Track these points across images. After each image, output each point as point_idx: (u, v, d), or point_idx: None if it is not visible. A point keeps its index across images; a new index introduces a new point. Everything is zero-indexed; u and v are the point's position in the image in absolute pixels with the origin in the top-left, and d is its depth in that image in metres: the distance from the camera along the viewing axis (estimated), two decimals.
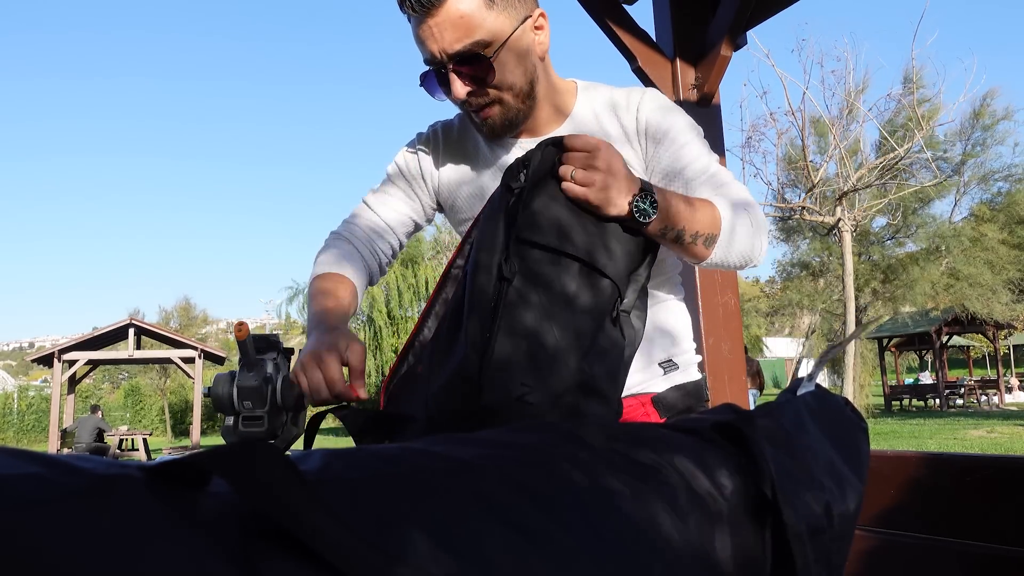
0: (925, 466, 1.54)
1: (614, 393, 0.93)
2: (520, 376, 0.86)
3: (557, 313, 0.88)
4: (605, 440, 0.58)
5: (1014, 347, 30.09)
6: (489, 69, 1.08)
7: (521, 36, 1.10)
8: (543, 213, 0.91)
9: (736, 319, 2.40)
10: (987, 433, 12.28)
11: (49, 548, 0.28)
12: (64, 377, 16.58)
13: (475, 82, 1.09)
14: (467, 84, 1.09)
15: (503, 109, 1.13)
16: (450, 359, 0.94)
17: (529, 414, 0.85)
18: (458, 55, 1.06)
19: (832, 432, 0.75)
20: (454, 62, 1.07)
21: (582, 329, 0.89)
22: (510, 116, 1.14)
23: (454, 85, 1.09)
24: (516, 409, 0.85)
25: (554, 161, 0.94)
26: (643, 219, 0.94)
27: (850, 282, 16.36)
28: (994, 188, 20.78)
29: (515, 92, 1.12)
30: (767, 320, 28.82)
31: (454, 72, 1.08)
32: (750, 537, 0.59)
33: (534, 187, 0.92)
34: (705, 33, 2.47)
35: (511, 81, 1.11)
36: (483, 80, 1.09)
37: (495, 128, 1.15)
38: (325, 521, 0.34)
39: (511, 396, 0.85)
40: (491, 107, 1.12)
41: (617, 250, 0.93)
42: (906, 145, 15.47)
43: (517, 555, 0.42)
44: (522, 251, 0.90)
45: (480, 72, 1.08)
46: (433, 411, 0.93)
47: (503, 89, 1.11)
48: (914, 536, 1.51)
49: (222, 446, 0.36)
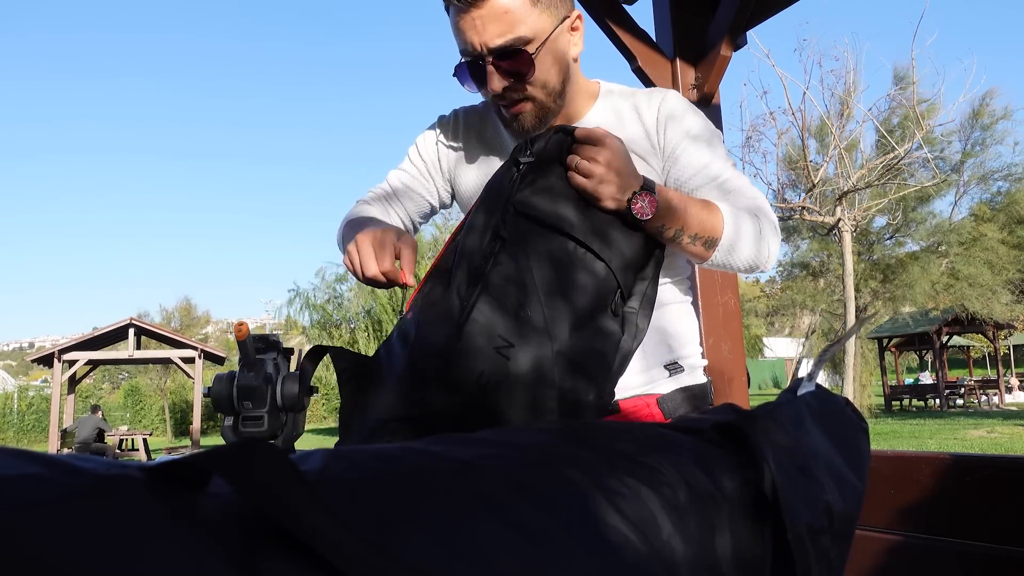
0: (925, 466, 1.54)
1: (603, 378, 0.93)
2: (500, 330, 0.88)
3: (545, 282, 0.90)
4: (605, 440, 0.58)
5: (1014, 347, 30.08)
6: (529, 65, 1.09)
7: (559, 36, 1.12)
8: (543, 191, 0.95)
9: (736, 319, 2.40)
10: (987, 433, 12.28)
11: (49, 548, 0.28)
12: (64, 377, 16.58)
13: (512, 77, 1.10)
14: (504, 79, 1.10)
15: (535, 106, 1.14)
16: (437, 309, 0.97)
17: (503, 369, 0.87)
18: (499, 49, 1.07)
19: (832, 432, 0.75)
20: (494, 56, 1.08)
21: (572, 305, 0.90)
22: (541, 114, 1.15)
23: (491, 79, 1.10)
24: (490, 358, 0.87)
25: (563, 147, 0.97)
26: (639, 216, 0.96)
27: (850, 282, 16.35)
28: (993, 188, 20.78)
29: (548, 91, 1.14)
30: (767, 320, 28.81)
31: (493, 66, 1.09)
32: (750, 537, 0.59)
33: (538, 166, 0.96)
34: (705, 33, 2.47)
35: (546, 79, 1.12)
36: (521, 76, 1.10)
37: (525, 125, 1.16)
38: (325, 521, 0.34)
39: (489, 346, 0.87)
40: (524, 103, 1.13)
41: (618, 240, 0.96)
42: (906, 145, 15.47)
43: (517, 555, 0.42)
44: (518, 222, 0.93)
45: (519, 68, 1.09)
46: (416, 355, 0.94)
47: (538, 86, 1.12)
48: (914, 536, 1.51)
49: (222, 446, 0.36)
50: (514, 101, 1.13)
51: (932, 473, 1.53)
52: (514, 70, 1.10)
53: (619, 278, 0.94)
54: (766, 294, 23.96)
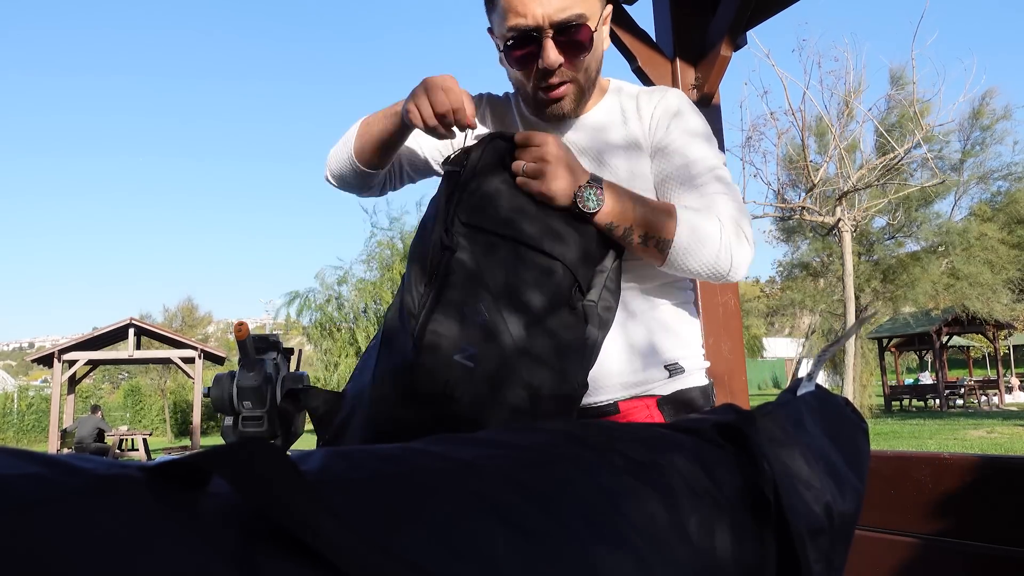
0: (925, 466, 1.54)
1: (572, 370, 0.94)
2: (459, 339, 0.88)
3: (499, 287, 0.90)
4: (606, 440, 0.58)
5: (1014, 347, 30.08)
6: (589, 41, 1.11)
7: (604, 24, 1.16)
8: (487, 199, 0.95)
9: (736, 319, 2.40)
10: (987, 433, 12.28)
11: (49, 548, 0.28)
12: (64, 377, 16.57)
13: (569, 53, 1.11)
14: (561, 53, 1.11)
15: (576, 90, 1.16)
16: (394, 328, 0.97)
17: (469, 376, 0.86)
18: (561, 23, 1.09)
19: (832, 432, 0.75)
20: (555, 30, 1.09)
21: (530, 305, 0.91)
22: (579, 98, 1.17)
23: (549, 52, 1.10)
24: (454, 368, 0.87)
25: (502, 153, 0.98)
26: (586, 209, 0.98)
27: (850, 282, 16.35)
28: (993, 187, 20.76)
29: (590, 75, 1.16)
30: (767, 320, 28.82)
31: (552, 40, 1.09)
32: (750, 537, 0.59)
33: (478, 174, 0.96)
34: (705, 33, 2.47)
35: (590, 63, 1.15)
36: (579, 51, 1.12)
37: (565, 108, 1.17)
38: (326, 521, 0.34)
39: (450, 356, 0.87)
40: (567, 85, 1.14)
41: (570, 236, 0.97)
42: (906, 145, 15.47)
43: (517, 555, 0.42)
44: (466, 232, 0.93)
45: (581, 41, 1.11)
46: (380, 377, 0.94)
47: (582, 70, 1.14)
48: (914, 536, 1.51)
49: (222, 446, 0.36)
50: (561, 82, 1.14)
51: (932, 473, 1.53)
52: (573, 45, 1.11)
53: (576, 273, 0.95)
54: (766, 294, 23.97)
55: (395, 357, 0.92)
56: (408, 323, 0.91)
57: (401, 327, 0.93)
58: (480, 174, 0.96)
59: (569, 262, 0.95)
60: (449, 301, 0.90)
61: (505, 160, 0.98)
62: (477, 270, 0.91)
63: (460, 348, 0.87)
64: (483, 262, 0.92)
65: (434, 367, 0.87)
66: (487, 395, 0.87)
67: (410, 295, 0.93)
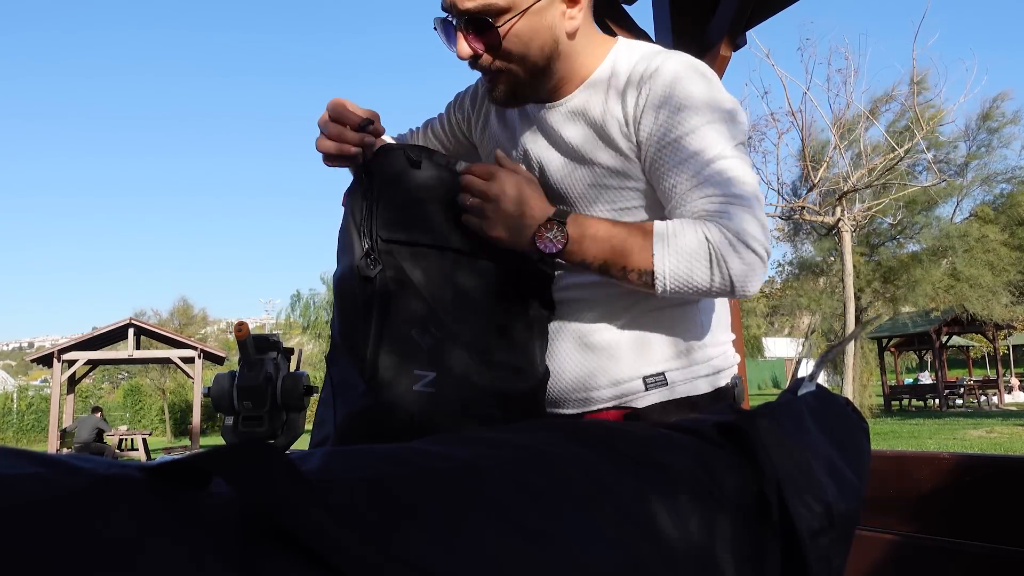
0: (925, 466, 1.54)
1: (531, 361, 0.92)
2: (412, 366, 0.85)
3: (438, 300, 0.87)
4: (606, 440, 0.58)
5: (1014, 347, 30.09)
6: (496, 37, 1.00)
7: (545, 10, 1.01)
8: (403, 209, 0.90)
9: (736, 319, 2.40)
10: (987, 433, 12.27)
11: (49, 547, 0.28)
12: (64, 377, 16.56)
13: (484, 47, 1.02)
14: (473, 46, 1.02)
15: (508, 80, 1.05)
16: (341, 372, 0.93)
17: (432, 401, 0.84)
18: (467, 14, 0.98)
19: (833, 432, 0.75)
20: (462, 21, 1.00)
21: (474, 310, 0.88)
22: (515, 89, 1.06)
23: (459, 44, 1.02)
24: (414, 398, 0.84)
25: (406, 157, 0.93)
26: (544, 250, 0.92)
27: (850, 282, 16.35)
28: (996, 190, 20.71)
29: (527, 66, 1.04)
30: (767, 320, 28.81)
31: (461, 32, 1.01)
32: (751, 537, 0.59)
33: (386, 186, 0.91)
34: (705, 33, 2.47)
35: (522, 54, 1.02)
36: (490, 47, 1.02)
37: (497, 98, 1.08)
38: (327, 520, 0.34)
39: (408, 387, 0.84)
40: (497, 75, 1.04)
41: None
42: (907, 145, 15.46)
43: (518, 554, 0.42)
44: (389, 249, 0.89)
45: (487, 39, 1.01)
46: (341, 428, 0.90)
47: (512, 61, 1.03)
48: (914, 536, 1.51)
49: (222, 446, 0.36)
50: (485, 71, 1.04)
51: (932, 473, 1.53)
52: (480, 40, 1.01)
53: (508, 265, 0.92)
54: (766, 294, 23.96)
55: (351, 403, 0.88)
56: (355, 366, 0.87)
57: (350, 371, 0.88)
58: (388, 185, 0.91)
59: (497, 255, 0.91)
60: (391, 331, 0.85)
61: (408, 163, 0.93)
62: (411, 289, 0.87)
63: (416, 377, 0.84)
64: (416, 278, 0.87)
65: (394, 404, 0.84)
66: (456, 414, 0.85)
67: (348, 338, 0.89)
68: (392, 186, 0.91)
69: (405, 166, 0.92)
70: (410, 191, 0.91)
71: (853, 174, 15.68)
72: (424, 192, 0.91)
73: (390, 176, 0.91)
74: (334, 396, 0.91)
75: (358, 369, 0.86)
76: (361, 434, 0.85)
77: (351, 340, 0.89)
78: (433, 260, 0.89)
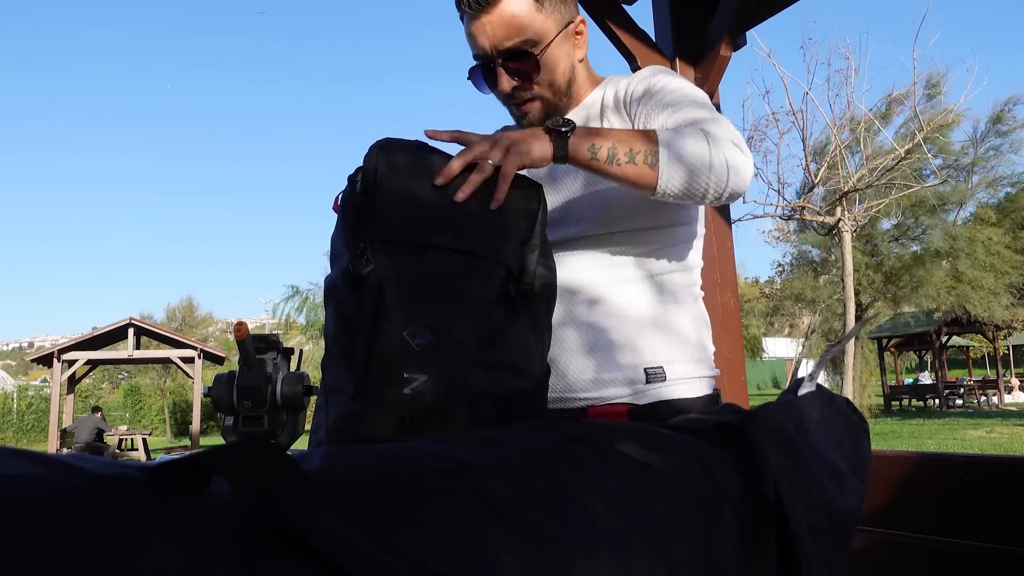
0: (925, 466, 1.54)
1: (527, 360, 0.92)
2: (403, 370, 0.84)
3: (429, 302, 0.87)
4: (606, 440, 0.58)
5: (1013, 347, 30.09)
6: (535, 66, 1.17)
7: (564, 39, 1.20)
8: (393, 212, 0.90)
9: (736, 319, 2.40)
10: (987, 433, 12.27)
11: (49, 548, 0.28)
12: (64, 377, 16.56)
13: (521, 77, 1.18)
14: (513, 79, 1.18)
15: (543, 104, 1.21)
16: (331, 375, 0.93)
17: (424, 403, 0.83)
18: (508, 51, 1.15)
19: (833, 433, 0.75)
20: (503, 58, 1.16)
21: (466, 310, 0.87)
22: (549, 111, 1.22)
23: (501, 79, 1.18)
24: (406, 402, 0.83)
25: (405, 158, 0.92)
26: (566, 133, 0.99)
27: (850, 282, 16.35)
28: (1001, 193, 20.64)
29: (555, 89, 1.21)
30: (766, 320, 28.80)
31: (502, 67, 1.17)
32: (751, 538, 0.59)
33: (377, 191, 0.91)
34: (704, 33, 2.47)
35: (552, 79, 1.20)
36: (529, 76, 1.18)
37: (534, 122, 1.21)
38: (328, 519, 0.34)
39: (399, 390, 0.83)
40: (532, 102, 1.21)
41: (489, 225, 0.92)
42: (907, 145, 15.44)
43: (517, 555, 0.42)
44: (383, 249, 0.88)
45: (527, 68, 1.17)
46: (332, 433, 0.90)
47: (544, 85, 1.20)
48: (914, 536, 1.51)
49: (222, 445, 0.35)
50: (523, 100, 1.20)
51: (932, 473, 1.53)
52: (521, 71, 1.17)
53: (506, 262, 0.92)
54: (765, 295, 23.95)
55: (341, 406, 0.88)
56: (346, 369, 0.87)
57: (341, 375, 0.88)
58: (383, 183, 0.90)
59: (494, 252, 0.91)
60: (382, 333, 0.85)
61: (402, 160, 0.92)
62: (404, 289, 0.86)
63: (407, 380, 0.83)
64: (408, 277, 0.87)
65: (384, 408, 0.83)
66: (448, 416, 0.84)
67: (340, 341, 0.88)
68: (387, 184, 0.90)
69: (398, 163, 0.92)
70: (400, 191, 0.91)
71: (854, 174, 15.68)
72: (411, 188, 0.91)
73: (384, 174, 0.91)
74: (327, 401, 0.91)
75: (348, 373, 0.86)
76: (351, 438, 0.85)
77: (342, 343, 0.88)
78: (425, 259, 0.88)
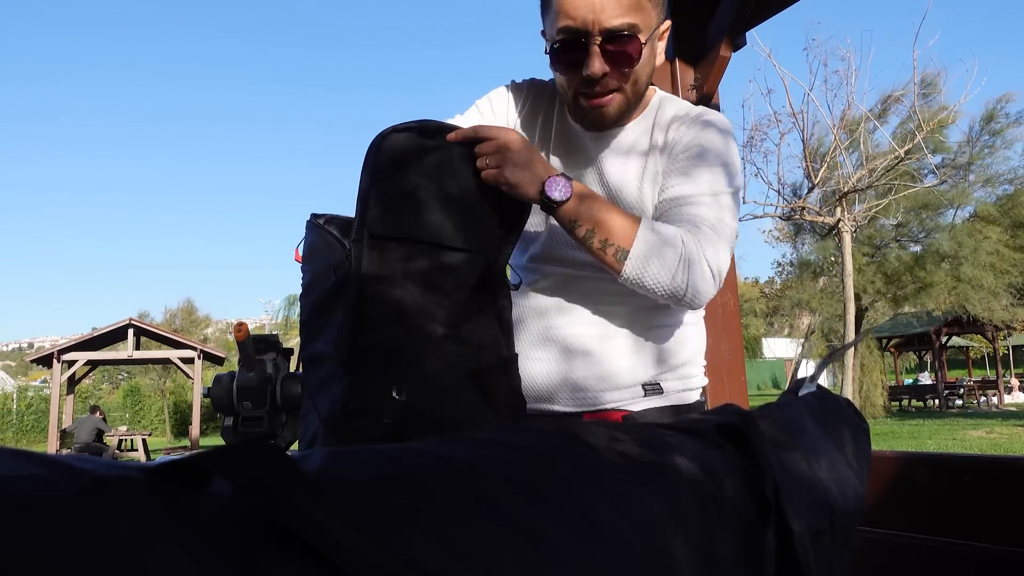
0: (925, 466, 1.54)
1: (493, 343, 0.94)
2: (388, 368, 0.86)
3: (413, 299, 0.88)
4: (606, 440, 0.58)
5: (1013, 348, 30.10)
6: (638, 52, 1.06)
7: (657, 39, 1.13)
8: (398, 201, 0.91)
9: (736, 319, 2.40)
10: (986, 433, 12.28)
11: (49, 549, 0.28)
12: (63, 377, 16.55)
13: (618, 63, 1.07)
14: (607, 63, 1.06)
15: (622, 99, 1.11)
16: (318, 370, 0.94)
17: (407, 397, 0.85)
18: (612, 31, 1.04)
19: (833, 433, 0.75)
20: (604, 37, 1.04)
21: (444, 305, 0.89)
22: (625, 109, 1.13)
23: (593, 60, 1.05)
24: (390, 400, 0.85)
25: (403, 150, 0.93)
26: (552, 200, 0.96)
27: (850, 283, 16.35)
28: (999, 190, 20.64)
29: (637, 88, 1.12)
30: (766, 321, 28.81)
31: (599, 47, 1.05)
32: (752, 538, 0.59)
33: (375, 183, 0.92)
34: (704, 33, 2.47)
35: (640, 74, 1.11)
36: (628, 62, 1.07)
37: (608, 117, 1.13)
38: (329, 520, 0.34)
39: (386, 391, 0.85)
40: (614, 94, 1.10)
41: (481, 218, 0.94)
42: (907, 145, 15.44)
43: (517, 555, 0.42)
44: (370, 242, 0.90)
45: (629, 52, 1.06)
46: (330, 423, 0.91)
47: (631, 80, 1.10)
48: (914, 536, 1.51)
49: (223, 446, 0.36)
50: (604, 91, 1.09)
51: (932, 473, 1.53)
52: (621, 55, 1.06)
53: (487, 255, 0.94)
54: (765, 295, 23.97)
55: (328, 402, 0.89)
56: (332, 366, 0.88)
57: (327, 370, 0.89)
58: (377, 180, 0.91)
59: (477, 247, 0.93)
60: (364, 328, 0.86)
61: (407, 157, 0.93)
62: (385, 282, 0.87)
63: (392, 374, 0.85)
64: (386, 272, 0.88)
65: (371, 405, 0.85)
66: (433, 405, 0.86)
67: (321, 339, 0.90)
68: (381, 181, 0.92)
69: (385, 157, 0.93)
70: (402, 186, 0.92)
71: (854, 174, 15.68)
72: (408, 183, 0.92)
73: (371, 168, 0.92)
74: (317, 395, 0.92)
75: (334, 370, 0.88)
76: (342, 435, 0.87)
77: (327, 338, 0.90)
78: (403, 252, 0.90)
